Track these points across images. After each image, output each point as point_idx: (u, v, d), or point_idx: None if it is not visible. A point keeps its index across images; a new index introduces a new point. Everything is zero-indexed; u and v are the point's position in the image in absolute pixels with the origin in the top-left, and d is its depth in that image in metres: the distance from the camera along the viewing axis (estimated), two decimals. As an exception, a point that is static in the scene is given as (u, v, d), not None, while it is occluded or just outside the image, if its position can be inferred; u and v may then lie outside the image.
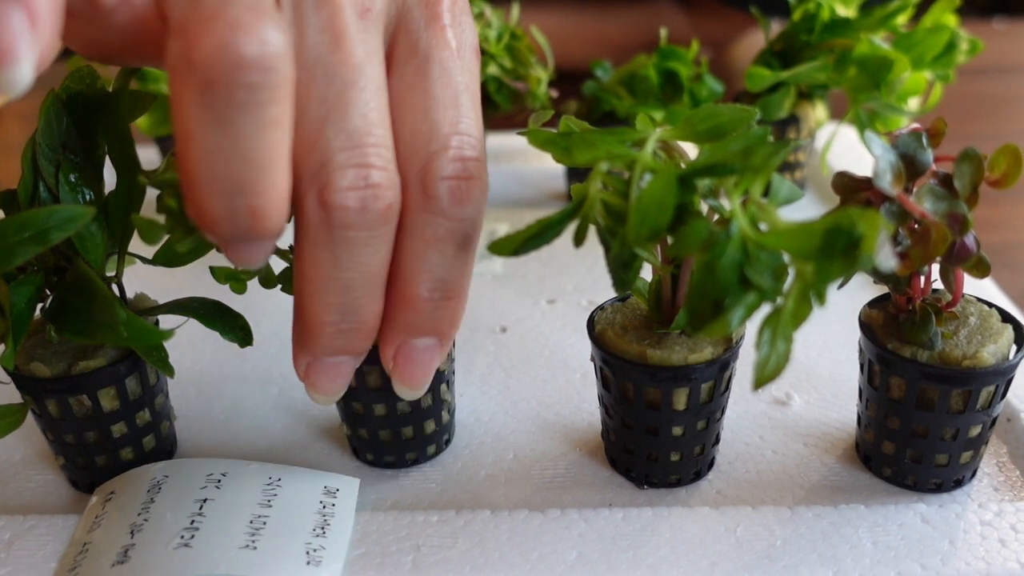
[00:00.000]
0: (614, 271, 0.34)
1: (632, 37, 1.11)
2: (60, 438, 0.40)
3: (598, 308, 0.41)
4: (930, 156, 0.33)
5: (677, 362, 0.37)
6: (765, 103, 0.61)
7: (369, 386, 0.39)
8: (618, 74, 0.63)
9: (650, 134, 0.33)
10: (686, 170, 0.31)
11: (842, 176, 0.35)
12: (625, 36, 1.12)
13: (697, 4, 1.11)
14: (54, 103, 0.37)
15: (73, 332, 0.34)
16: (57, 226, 0.33)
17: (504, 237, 0.34)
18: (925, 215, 0.31)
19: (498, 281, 0.59)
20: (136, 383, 0.40)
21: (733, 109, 0.32)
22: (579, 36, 1.10)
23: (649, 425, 0.39)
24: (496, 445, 0.44)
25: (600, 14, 1.12)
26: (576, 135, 0.32)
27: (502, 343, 0.52)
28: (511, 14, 0.65)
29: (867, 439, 0.40)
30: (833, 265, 0.27)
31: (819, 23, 0.61)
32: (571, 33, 1.10)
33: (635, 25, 1.12)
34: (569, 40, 1.09)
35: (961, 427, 0.37)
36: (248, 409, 0.47)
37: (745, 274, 0.29)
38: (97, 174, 0.38)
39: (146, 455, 0.42)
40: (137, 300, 0.42)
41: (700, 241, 0.29)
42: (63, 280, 0.35)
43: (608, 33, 1.12)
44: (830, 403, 0.46)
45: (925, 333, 0.36)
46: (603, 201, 0.33)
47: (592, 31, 1.12)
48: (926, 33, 0.58)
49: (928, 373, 0.36)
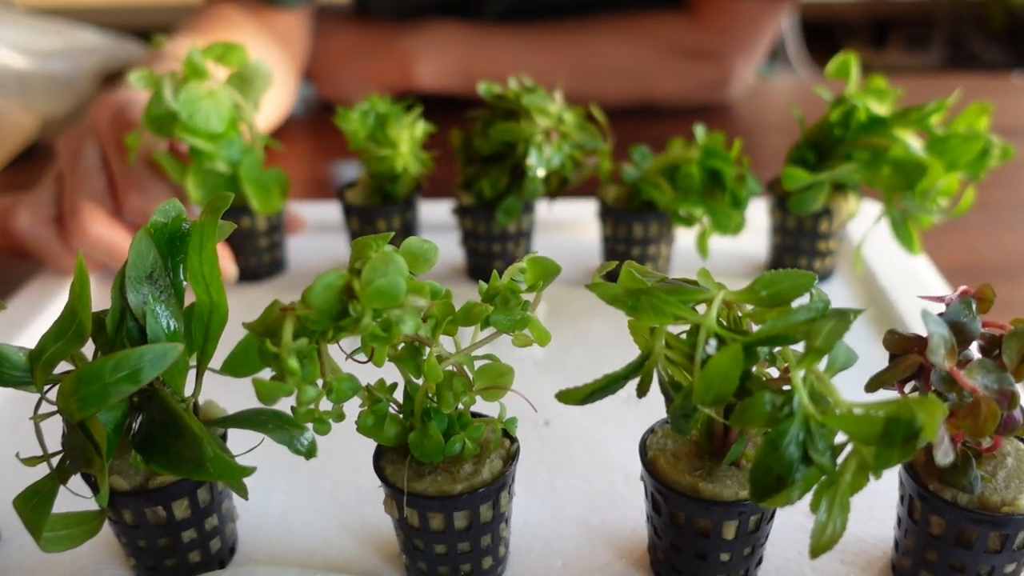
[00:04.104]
0: (675, 420, 0.36)
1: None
2: (133, 542, 0.42)
3: (649, 431, 0.43)
4: (979, 325, 0.34)
5: (728, 497, 0.39)
6: (800, 199, 0.63)
7: (432, 529, 0.41)
8: (658, 163, 0.65)
9: (714, 296, 0.35)
10: (751, 339, 0.33)
11: (892, 334, 0.36)
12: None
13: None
14: (143, 237, 0.39)
15: (161, 466, 0.36)
16: (149, 365, 0.35)
17: (572, 389, 0.36)
18: (976, 391, 0.33)
19: (540, 368, 0.61)
20: (206, 492, 0.42)
21: (793, 276, 0.34)
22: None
23: (698, 550, 0.41)
24: (545, 552, 0.46)
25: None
26: (644, 297, 0.34)
27: (546, 439, 0.54)
28: (556, 96, 0.67)
29: (904, 565, 0.42)
30: (893, 452, 0.29)
31: (855, 121, 0.63)
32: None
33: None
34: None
35: (997, 564, 0.39)
36: (303, 503, 0.49)
37: (807, 451, 0.31)
38: (179, 300, 0.40)
39: (212, 556, 0.44)
40: (207, 409, 0.44)
41: (763, 416, 0.31)
42: (150, 412, 0.37)
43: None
44: (866, 516, 0.47)
45: (966, 477, 0.38)
46: (667, 357, 0.35)
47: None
48: (960, 140, 0.59)
49: (968, 516, 0.38)
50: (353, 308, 0.33)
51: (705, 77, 1.18)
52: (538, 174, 0.64)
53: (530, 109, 0.63)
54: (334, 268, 0.34)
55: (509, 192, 0.67)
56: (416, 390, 0.40)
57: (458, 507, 0.40)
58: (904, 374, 0.35)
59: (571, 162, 0.66)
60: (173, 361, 0.36)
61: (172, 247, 0.40)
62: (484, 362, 0.41)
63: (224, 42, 0.63)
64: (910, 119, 0.62)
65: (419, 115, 0.69)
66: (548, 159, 0.64)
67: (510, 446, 0.42)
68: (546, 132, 0.64)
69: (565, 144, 0.65)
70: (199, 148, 0.62)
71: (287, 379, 0.33)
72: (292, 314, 0.34)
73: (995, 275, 0.76)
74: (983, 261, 0.78)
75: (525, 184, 0.65)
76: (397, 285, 0.33)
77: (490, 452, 0.41)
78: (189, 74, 0.60)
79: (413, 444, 0.40)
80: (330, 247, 0.80)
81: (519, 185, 0.66)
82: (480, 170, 0.67)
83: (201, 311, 0.41)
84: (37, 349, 0.38)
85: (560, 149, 0.65)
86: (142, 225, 0.39)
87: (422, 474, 0.40)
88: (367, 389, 0.40)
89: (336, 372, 0.37)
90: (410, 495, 0.40)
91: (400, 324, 0.34)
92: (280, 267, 0.75)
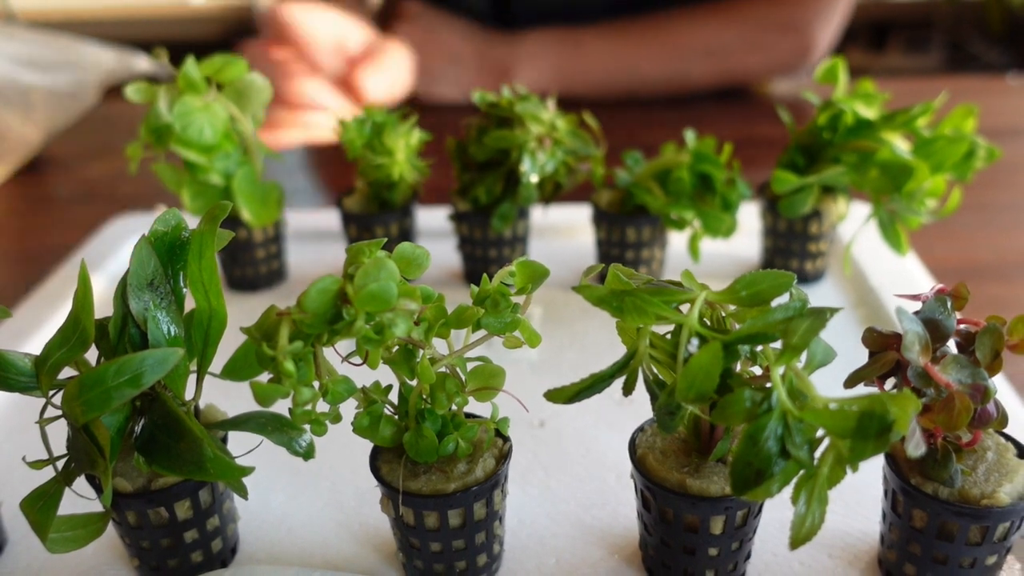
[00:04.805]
0: (660, 418, 0.37)
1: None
2: (137, 543, 0.44)
3: (639, 430, 0.44)
4: (954, 322, 0.35)
5: (715, 493, 0.40)
6: (790, 202, 0.64)
7: (427, 527, 0.42)
8: (650, 168, 0.66)
9: (696, 297, 0.36)
10: (731, 338, 0.34)
11: (871, 332, 0.37)
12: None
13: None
14: (144, 245, 0.40)
15: (162, 467, 0.38)
16: (151, 369, 0.36)
17: (559, 389, 0.37)
18: (950, 386, 0.34)
19: (535, 370, 0.62)
20: (208, 494, 0.44)
21: (773, 276, 0.35)
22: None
23: (687, 545, 0.42)
24: (539, 550, 0.47)
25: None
26: (628, 299, 0.35)
27: (540, 439, 0.55)
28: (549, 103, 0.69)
29: (889, 558, 0.43)
30: (867, 445, 0.30)
31: (843, 125, 0.64)
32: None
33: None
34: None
35: (978, 557, 0.40)
36: (303, 504, 0.50)
37: (785, 445, 0.32)
38: (179, 307, 0.41)
39: (213, 556, 0.45)
40: (208, 412, 0.45)
41: (743, 412, 0.32)
42: (152, 415, 0.39)
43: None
44: (853, 512, 0.48)
45: (946, 472, 0.39)
46: (651, 356, 0.36)
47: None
48: (946, 142, 0.61)
49: (949, 510, 0.39)
50: (347, 312, 0.35)
51: (788, 49, 1.22)
52: (532, 180, 0.65)
53: (523, 116, 0.64)
54: (330, 274, 0.35)
55: (504, 198, 0.68)
56: (410, 392, 0.41)
57: (452, 505, 0.41)
58: (882, 370, 0.36)
59: (564, 168, 0.67)
60: (174, 365, 0.37)
61: (172, 255, 0.41)
62: (477, 364, 0.43)
63: (223, 56, 0.65)
64: (897, 122, 0.63)
65: (415, 123, 0.70)
66: (542, 165, 0.65)
67: (503, 445, 0.44)
68: (539, 139, 0.65)
69: (558, 150, 0.66)
70: (192, 160, 0.64)
71: (283, 381, 0.35)
72: (288, 318, 0.35)
73: (988, 275, 0.77)
74: (976, 262, 0.79)
75: (519, 190, 0.66)
76: (389, 289, 0.34)
77: (483, 451, 0.42)
78: (184, 87, 0.61)
79: (408, 444, 0.41)
80: (330, 254, 0.81)
81: (514, 191, 0.67)
82: (475, 177, 0.69)
83: (201, 317, 0.42)
84: (42, 355, 0.39)
85: (553, 155, 0.66)
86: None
87: (417, 473, 0.41)
88: (363, 391, 0.41)
89: (332, 374, 0.38)
90: (405, 494, 0.41)
91: (392, 327, 0.35)
92: (280, 277, 0.76)
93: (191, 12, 2.87)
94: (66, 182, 1.09)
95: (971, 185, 0.90)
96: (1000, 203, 0.94)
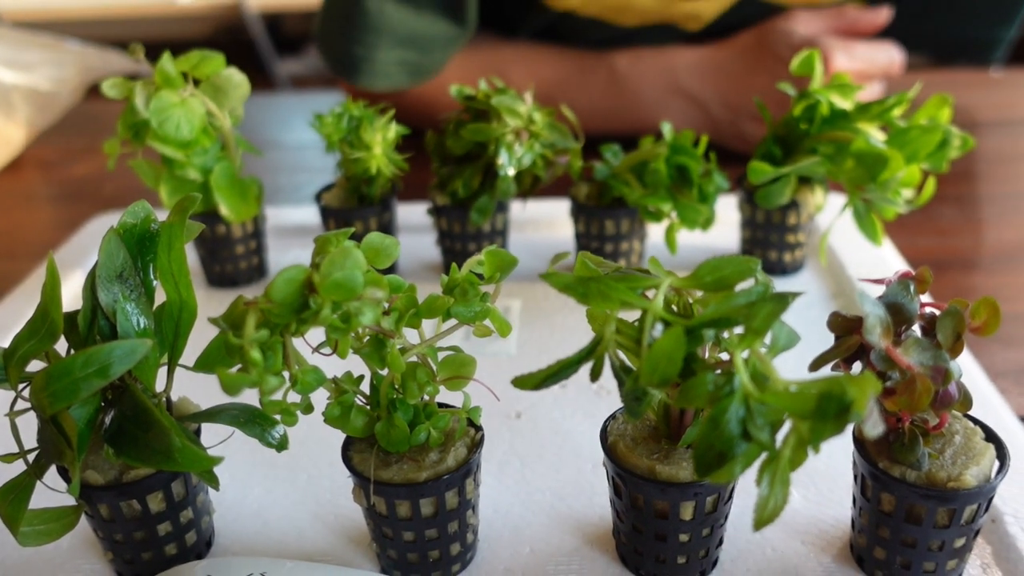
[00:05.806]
0: (628, 403, 0.37)
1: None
2: (110, 536, 0.44)
3: (610, 417, 0.44)
4: (916, 306, 0.36)
5: (684, 479, 0.40)
6: (767, 193, 0.64)
7: (399, 516, 0.42)
8: (628, 160, 0.66)
9: (661, 283, 0.36)
10: (694, 323, 0.34)
11: (836, 316, 0.38)
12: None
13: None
14: (112, 237, 0.40)
15: (131, 458, 0.38)
16: (119, 360, 0.36)
17: (527, 375, 0.37)
18: (911, 368, 0.34)
19: (513, 363, 0.62)
20: (181, 486, 0.44)
21: (736, 262, 0.35)
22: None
23: (658, 532, 0.42)
24: (514, 539, 0.47)
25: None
26: (593, 285, 0.35)
27: (517, 430, 0.55)
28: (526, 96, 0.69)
29: (860, 543, 0.43)
30: (826, 426, 0.30)
31: (818, 115, 0.64)
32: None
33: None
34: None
35: (947, 539, 0.40)
36: (279, 497, 0.50)
37: (747, 428, 0.32)
38: (149, 299, 0.41)
39: (188, 549, 0.45)
40: (180, 405, 0.45)
41: (705, 395, 0.32)
42: (121, 406, 0.39)
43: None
44: (826, 499, 0.49)
45: (913, 455, 0.39)
46: (617, 342, 0.36)
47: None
48: (920, 131, 0.61)
49: (916, 492, 0.39)
50: (313, 301, 0.35)
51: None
52: (509, 173, 0.66)
53: (500, 109, 0.64)
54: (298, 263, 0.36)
55: (482, 191, 0.68)
56: (381, 381, 0.41)
57: (423, 494, 0.41)
58: (845, 353, 0.37)
59: (542, 161, 0.68)
60: (143, 357, 0.37)
61: (142, 247, 0.41)
62: (448, 353, 0.43)
63: (200, 52, 0.65)
64: (872, 113, 0.63)
65: (392, 117, 0.70)
66: (519, 158, 0.65)
67: (475, 434, 0.44)
68: (516, 132, 0.65)
69: (536, 143, 0.66)
70: (170, 156, 0.64)
71: (250, 370, 0.35)
72: (255, 307, 0.35)
73: (968, 266, 0.77)
74: (957, 253, 0.80)
75: (497, 183, 0.66)
76: (354, 278, 0.35)
77: (455, 441, 0.43)
78: (161, 83, 0.61)
79: (379, 434, 0.41)
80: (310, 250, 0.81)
81: (492, 185, 0.67)
82: (453, 170, 0.69)
83: (171, 309, 0.42)
84: (10, 348, 0.39)
85: (531, 148, 0.66)
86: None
87: (389, 463, 0.42)
88: (334, 381, 0.41)
89: (302, 364, 0.38)
90: (377, 483, 0.41)
91: (359, 315, 0.35)
92: (260, 273, 0.76)
93: (178, 11, 2.87)
94: (49, 181, 1.09)
95: (953, 177, 0.91)
96: (983, 195, 0.94)
